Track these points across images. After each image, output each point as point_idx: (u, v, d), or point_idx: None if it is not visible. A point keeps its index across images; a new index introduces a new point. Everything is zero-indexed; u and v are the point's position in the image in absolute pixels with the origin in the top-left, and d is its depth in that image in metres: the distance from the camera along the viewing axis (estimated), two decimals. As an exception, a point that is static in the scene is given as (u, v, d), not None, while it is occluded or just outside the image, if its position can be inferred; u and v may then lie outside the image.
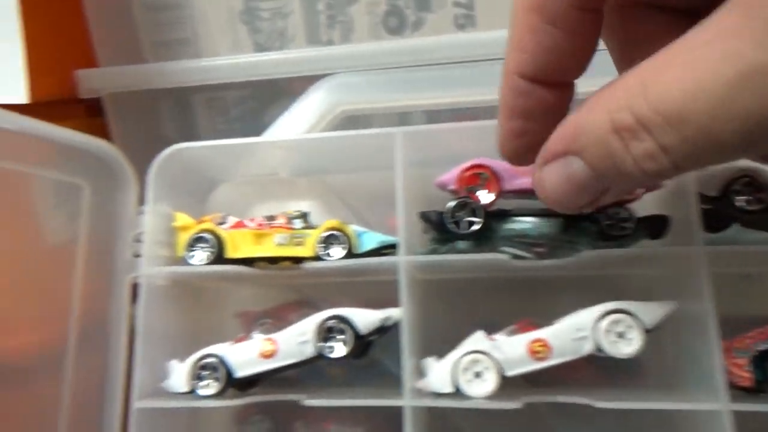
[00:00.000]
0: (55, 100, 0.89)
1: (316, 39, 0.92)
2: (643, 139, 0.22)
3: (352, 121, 0.83)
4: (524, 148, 0.30)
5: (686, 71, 0.21)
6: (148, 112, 1.04)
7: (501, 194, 0.66)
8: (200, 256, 0.70)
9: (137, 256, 0.71)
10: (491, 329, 0.63)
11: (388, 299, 0.65)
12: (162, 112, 1.06)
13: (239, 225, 0.72)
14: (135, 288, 0.71)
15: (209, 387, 0.66)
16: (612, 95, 0.24)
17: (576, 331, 0.60)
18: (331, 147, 0.71)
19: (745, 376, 0.57)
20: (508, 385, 0.60)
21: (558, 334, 0.60)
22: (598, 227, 0.63)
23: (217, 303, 0.83)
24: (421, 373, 0.62)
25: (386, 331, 0.65)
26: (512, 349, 0.61)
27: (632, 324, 0.59)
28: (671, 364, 0.67)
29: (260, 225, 0.72)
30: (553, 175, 0.27)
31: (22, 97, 0.77)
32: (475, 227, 0.64)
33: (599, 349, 0.59)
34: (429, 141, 0.68)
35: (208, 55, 0.95)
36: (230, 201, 0.84)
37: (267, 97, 1.02)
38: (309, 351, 0.64)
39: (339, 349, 0.64)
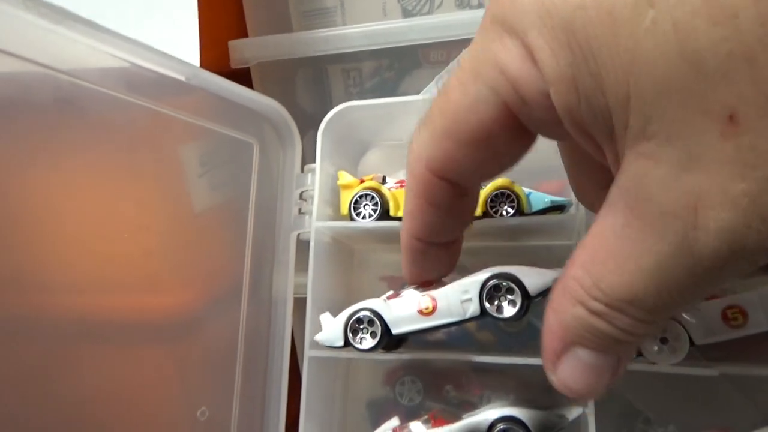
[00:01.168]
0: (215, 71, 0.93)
1: (466, 3, 0.91)
2: (619, 317, 0.25)
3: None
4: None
5: (618, 265, 0.24)
6: (289, 83, 1.07)
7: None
8: (365, 213, 0.71)
9: (302, 213, 0.73)
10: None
11: (555, 265, 0.63)
12: (300, 82, 1.09)
13: (401, 184, 0.72)
14: (298, 245, 0.73)
15: (365, 341, 0.66)
16: (573, 289, 0.27)
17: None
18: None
19: None
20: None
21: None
22: None
23: (367, 266, 0.84)
24: None
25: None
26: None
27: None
28: None
29: (423, 184, 0.71)
30: (569, 372, 0.28)
31: (196, 61, 0.81)
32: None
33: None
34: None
35: (355, 23, 0.96)
36: (379, 165, 0.84)
37: (403, 68, 1.02)
38: (472, 310, 0.63)
39: (507, 309, 0.62)
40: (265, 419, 0.68)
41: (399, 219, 0.70)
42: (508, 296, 0.63)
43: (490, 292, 0.62)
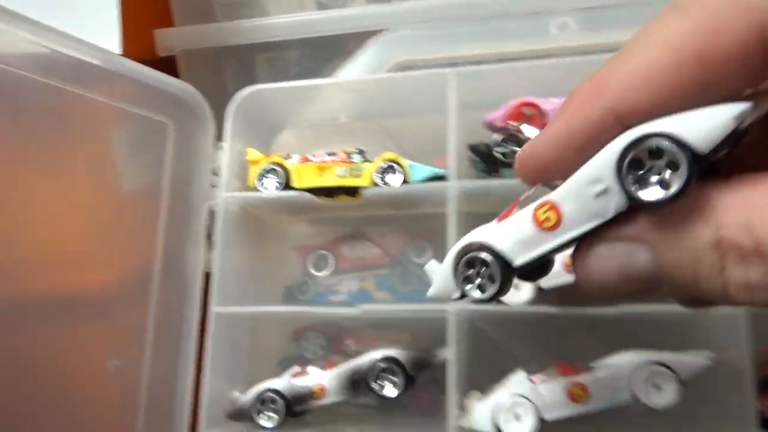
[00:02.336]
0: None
1: (375, -3, 1.00)
2: (753, 267, 0.19)
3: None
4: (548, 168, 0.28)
5: None
6: (216, 71, 1.13)
7: (544, 129, 0.72)
8: (270, 185, 0.78)
9: (214, 186, 0.80)
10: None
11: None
12: (227, 71, 1.16)
13: (304, 160, 0.80)
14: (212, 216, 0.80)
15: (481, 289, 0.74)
16: (727, 206, 0.21)
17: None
18: (388, 89, 0.79)
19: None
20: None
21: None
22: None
23: (279, 237, 0.92)
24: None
25: None
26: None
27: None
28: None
29: (323, 159, 0.80)
30: (605, 259, 0.24)
31: (116, 49, 0.87)
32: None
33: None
34: (479, 81, 0.74)
35: (275, 15, 1.03)
36: (292, 145, 0.92)
37: (324, 57, 1.10)
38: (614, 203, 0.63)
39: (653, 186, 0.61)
40: (178, 374, 0.75)
41: (301, 190, 0.78)
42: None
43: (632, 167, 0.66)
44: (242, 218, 0.83)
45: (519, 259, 0.30)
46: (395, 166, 0.75)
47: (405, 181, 0.75)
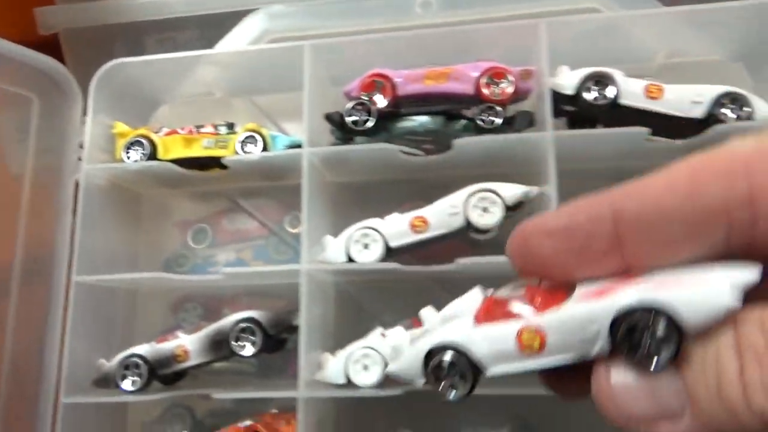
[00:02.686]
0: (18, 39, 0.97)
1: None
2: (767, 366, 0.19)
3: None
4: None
5: None
6: (103, 51, 1.13)
7: (395, 98, 0.76)
8: (135, 157, 0.80)
9: (80, 159, 0.81)
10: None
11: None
12: (115, 52, 1.15)
13: (172, 132, 0.82)
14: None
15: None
16: (744, 309, 0.21)
17: (450, 207, 0.71)
18: (252, 62, 0.81)
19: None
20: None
21: (435, 211, 0.71)
22: (473, 123, 0.73)
23: (160, 211, 0.93)
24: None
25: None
26: (397, 225, 0.72)
27: (495, 200, 0.69)
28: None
29: (190, 131, 0.82)
30: (630, 379, 0.23)
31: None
32: (369, 124, 0.74)
33: (468, 223, 0.70)
34: (334, 54, 0.78)
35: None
36: (170, 121, 0.93)
37: (214, 39, 1.11)
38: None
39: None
40: (46, 343, 0.76)
41: (168, 161, 0.80)
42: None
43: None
44: (114, 192, 0.84)
45: (493, 370, 0.29)
46: (256, 136, 0.78)
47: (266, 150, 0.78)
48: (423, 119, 0.75)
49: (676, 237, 0.24)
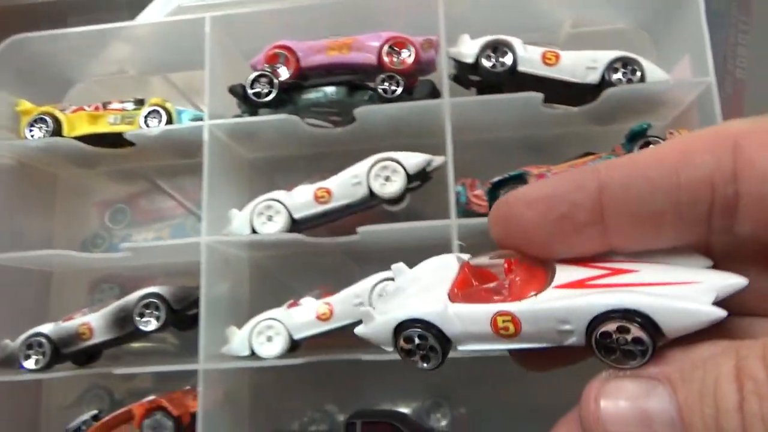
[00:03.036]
0: None
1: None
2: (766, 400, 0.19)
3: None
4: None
5: None
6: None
7: (299, 70, 0.76)
8: (38, 134, 0.78)
9: (-17, 138, 0.79)
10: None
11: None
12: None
13: (79, 110, 0.81)
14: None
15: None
16: (747, 341, 0.21)
17: (353, 178, 0.71)
18: (158, 36, 0.80)
19: (483, 204, 0.69)
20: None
21: (339, 182, 0.71)
22: (376, 92, 0.73)
23: (78, 192, 0.92)
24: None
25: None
26: (301, 197, 0.71)
27: (397, 169, 0.70)
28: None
29: (96, 108, 0.80)
30: (621, 403, 0.22)
31: None
32: (271, 96, 0.73)
33: (371, 192, 0.70)
34: (241, 26, 0.77)
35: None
36: (85, 101, 0.92)
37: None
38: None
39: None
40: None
41: (73, 138, 0.79)
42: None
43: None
44: (24, 172, 0.82)
45: (465, 347, 0.28)
46: (160, 110, 0.77)
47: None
48: (327, 90, 0.75)
49: (660, 210, 0.24)
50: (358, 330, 0.31)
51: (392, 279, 0.67)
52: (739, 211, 0.23)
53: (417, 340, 0.29)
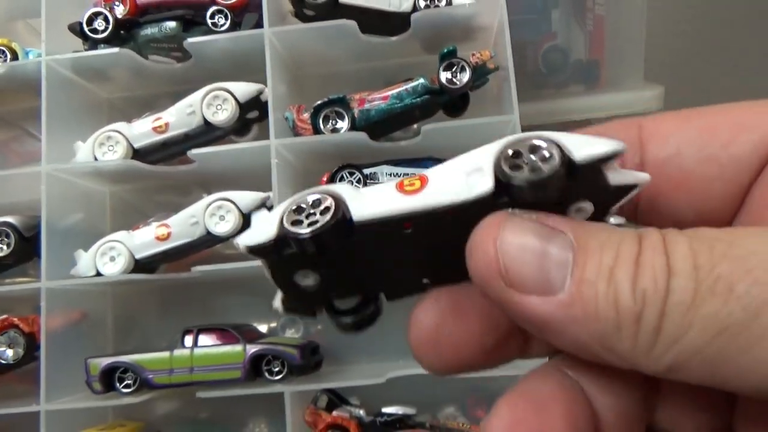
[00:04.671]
0: None
1: None
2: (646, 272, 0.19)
3: None
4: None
5: None
6: None
7: (136, 8, 0.79)
8: None
9: None
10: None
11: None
12: None
13: None
14: None
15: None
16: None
17: (188, 107, 0.75)
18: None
19: (307, 127, 0.74)
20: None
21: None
22: (207, 26, 0.77)
23: None
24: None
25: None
26: (140, 128, 0.76)
27: (227, 97, 0.74)
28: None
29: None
30: (520, 240, 0.21)
31: None
32: (107, 33, 0.77)
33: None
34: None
35: None
36: None
37: None
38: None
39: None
40: None
41: None
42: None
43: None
44: None
45: (361, 215, 0.23)
46: (4, 49, 0.80)
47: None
48: (162, 25, 0.79)
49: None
50: (237, 239, 0.26)
51: (227, 199, 0.74)
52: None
53: (309, 204, 0.23)
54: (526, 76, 1.06)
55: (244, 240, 0.23)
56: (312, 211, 0.23)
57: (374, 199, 0.23)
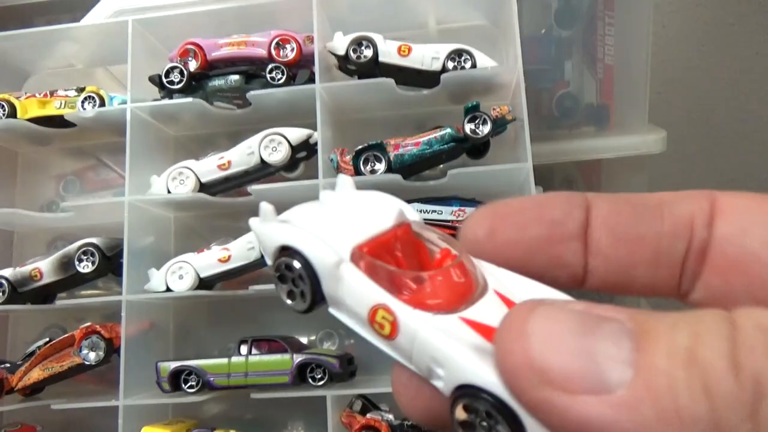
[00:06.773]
0: None
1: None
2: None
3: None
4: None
5: None
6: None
7: (206, 63, 0.93)
8: (-3, 118, 0.96)
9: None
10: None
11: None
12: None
13: (30, 96, 0.98)
14: None
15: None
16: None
17: (247, 148, 0.88)
18: (94, 35, 0.97)
19: (349, 168, 0.86)
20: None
21: (236, 152, 0.89)
22: (265, 80, 0.91)
23: (38, 167, 1.10)
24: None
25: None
26: (207, 165, 0.89)
27: (281, 140, 0.87)
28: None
29: (45, 95, 0.98)
30: (564, 328, 0.18)
31: None
32: (181, 84, 0.91)
33: (261, 159, 0.87)
34: (158, 27, 0.94)
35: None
36: (39, 90, 1.09)
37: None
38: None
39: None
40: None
41: (26, 120, 0.96)
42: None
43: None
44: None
45: (335, 312, 0.25)
46: (94, 96, 0.94)
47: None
48: (228, 78, 0.93)
49: (641, 235, 0.24)
50: (251, 222, 0.28)
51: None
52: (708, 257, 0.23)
53: (290, 273, 0.25)
54: (541, 119, 1.18)
55: (254, 224, 0.27)
56: (294, 277, 0.25)
57: (348, 308, 0.24)
